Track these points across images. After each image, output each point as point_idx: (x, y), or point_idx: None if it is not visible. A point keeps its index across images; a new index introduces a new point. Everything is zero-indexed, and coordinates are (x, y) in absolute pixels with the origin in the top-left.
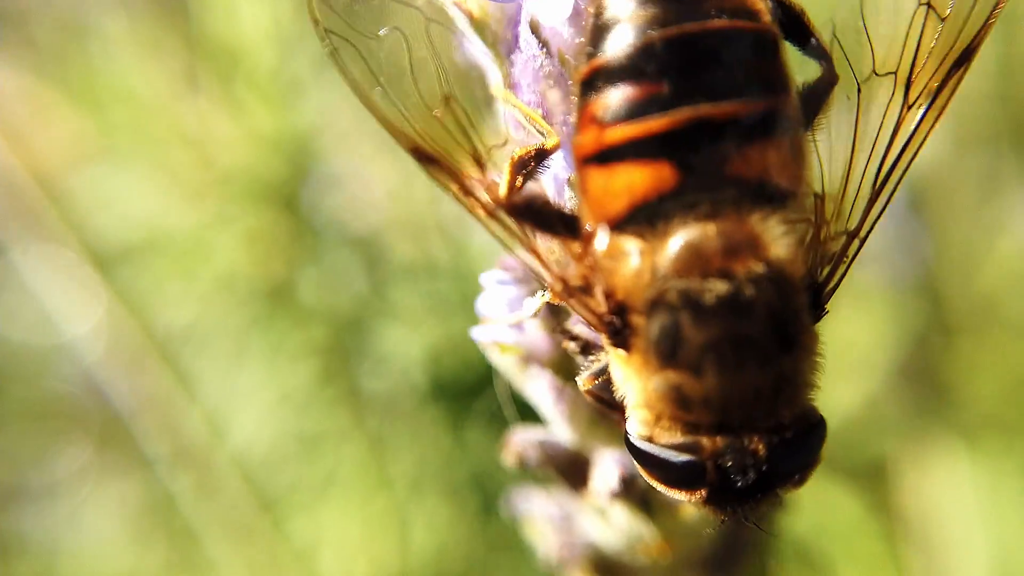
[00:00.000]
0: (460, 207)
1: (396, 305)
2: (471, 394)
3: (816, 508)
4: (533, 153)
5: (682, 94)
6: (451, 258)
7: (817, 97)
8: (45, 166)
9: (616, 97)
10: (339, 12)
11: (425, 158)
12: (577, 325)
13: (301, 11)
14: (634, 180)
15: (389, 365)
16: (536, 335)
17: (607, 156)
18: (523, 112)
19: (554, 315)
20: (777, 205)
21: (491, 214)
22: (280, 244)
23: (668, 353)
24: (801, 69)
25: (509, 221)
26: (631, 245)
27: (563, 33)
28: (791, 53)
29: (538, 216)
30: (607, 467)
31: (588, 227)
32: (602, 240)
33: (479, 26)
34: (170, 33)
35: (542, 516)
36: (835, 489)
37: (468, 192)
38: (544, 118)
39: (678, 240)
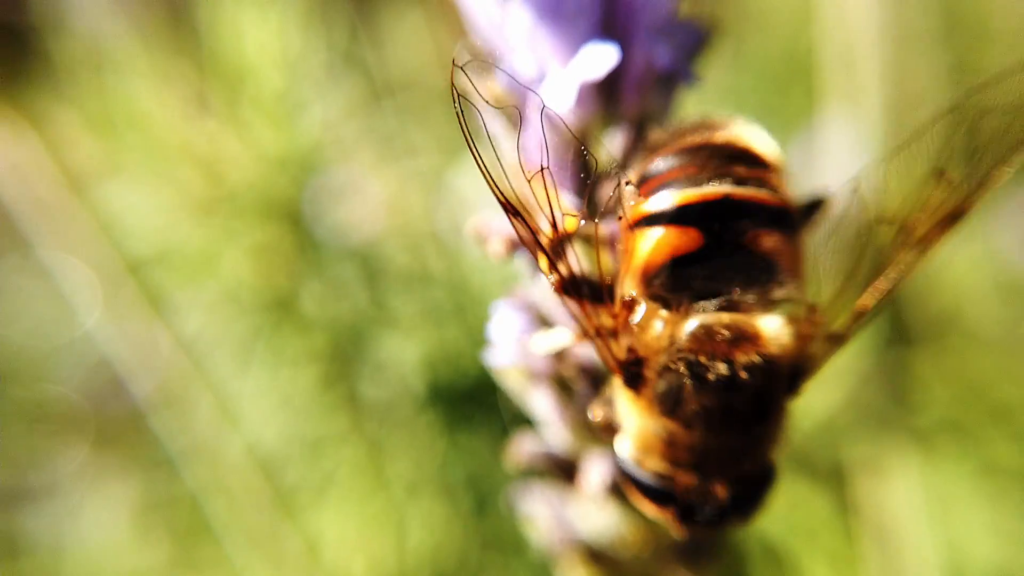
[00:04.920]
0: (529, 257)
1: (394, 314)
2: (465, 399)
3: (786, 508)
4: (559, 238)
5: (716, 176)
6: (446, 269)
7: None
8: (61, 182)
9: (666, 177)
10: (473, 82)
11: (512, 211)
12: (573, 352)
13: (305, 36)
14: (670, 239)
15: (387, 372)
16: (538, 357)
17: (652, 220)
18: (544, 195)
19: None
20: (779, 294)
21: (556, 284)
22: (284, 257)
23: (669, 407)
24: None
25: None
26: (660, 315)
27: (565, 118)
28: None
29: (580, 289)
30: (596, 469)
31: (628, 296)
32: (640, 310)
33: (498, 104)
34: (181, 58)
35: (539, 513)
36: (804, 489)
37: (543, 253)
38: (548, 181)
39: (697, 322)
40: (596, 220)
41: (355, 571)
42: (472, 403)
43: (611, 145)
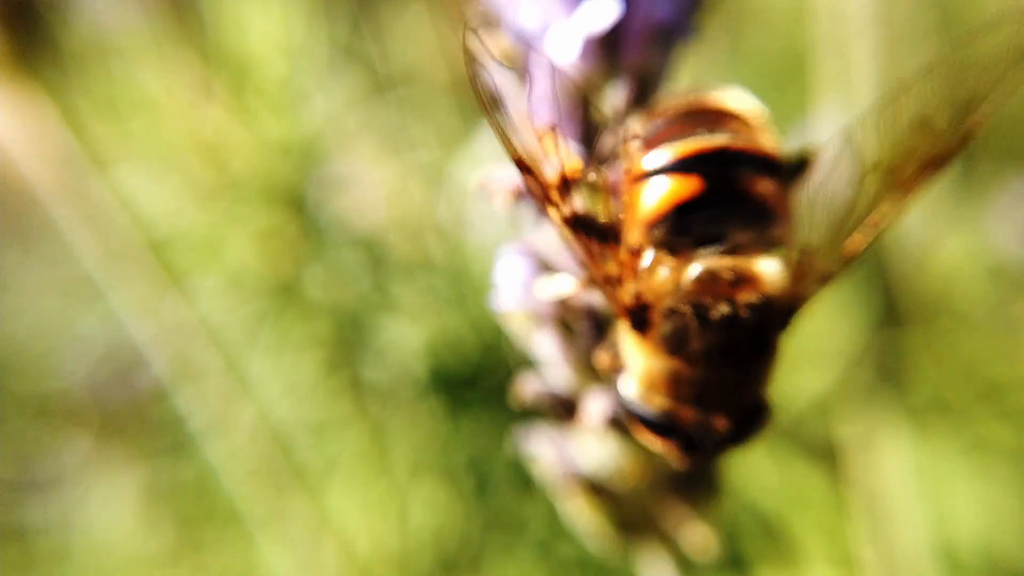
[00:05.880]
0: (536, 204)
1: (396, 300)
2: (466, 384)
3: (780, 483)
4: (564, 181)
5: (711, 133)
6: (447, 256)
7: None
8: (67, 169)
9: (666, 134)
10: (486, 46)
11: (524, 168)
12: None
13: (308, 26)
14: (674, 188)
15: (389, 357)
16: (542, 301)
17: (655, 173)
18: (550, 144)
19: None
20: (774, 236)
21: (563, 220)
22: (288, 243)
23: (675, 347)
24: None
25: (576, 231)
26: (664, 262)
27: (570, 70)
28: None
29: (592, 228)
30: (596, 404)
31: (636, 244)
32: (648, 256)
33: (507, 59)
34: (186, 46)
35: (542, 451)
36: (798, 466)
37: (549, 200)
38: (553, 132)
39: (700, 267)
40: (600, 165)
41: (359, 552)
42: (473, 388)
43: (613, 97)
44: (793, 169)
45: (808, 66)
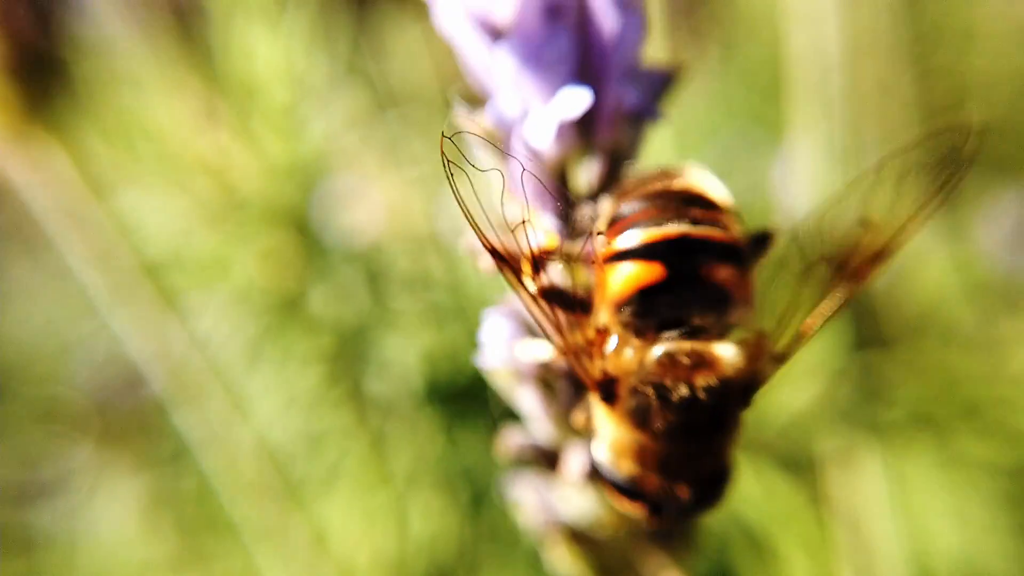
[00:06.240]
0: (514, 292)
1: (396, 315)
2: (463, 397)
3: (763, 497)
4: (540, 254)
5: (676, 218)
6: (445, 272)
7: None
8: (84, 193)
9: (633, 219)
10: (461, 150)
11: (498, 257)
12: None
13: (311, 50)
14: (637, 273)
15: (389, 370)
16: (524, 361)
17: (621, 257)
18: (530, 216)
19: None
20: (732, 320)
21: (534, 300)
22: (291, 261)
23: (639, 422)
24: None
25: (545, 307)
26: (630, 343)
27: (546, 152)
28: None
29: (562, 300)
30: (576, 458)
31: (602, 324)
32: (614, 339)
33: (489, 138)
34: (193, 74)
35: (526, 498)
36: (780, 481)
37: (522, 285)
38: (530, 210)
39: (662, 349)
40: (573, 240)
41: (359, 560)
42: (469, 399)
43: (587, 174)
44: (753, 247)
45: (791, 76)
